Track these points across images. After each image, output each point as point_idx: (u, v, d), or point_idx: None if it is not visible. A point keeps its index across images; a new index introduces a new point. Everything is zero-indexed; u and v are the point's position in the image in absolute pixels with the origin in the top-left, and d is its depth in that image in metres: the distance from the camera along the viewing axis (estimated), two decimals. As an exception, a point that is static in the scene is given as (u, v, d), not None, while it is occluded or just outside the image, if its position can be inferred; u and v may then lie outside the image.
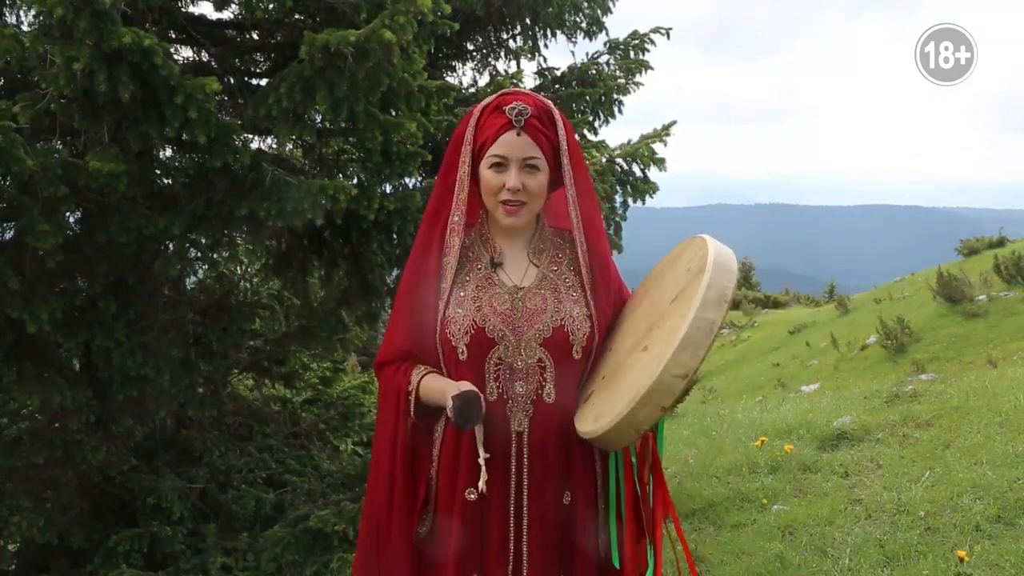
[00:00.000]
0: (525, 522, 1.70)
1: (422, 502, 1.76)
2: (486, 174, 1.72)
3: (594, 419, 1.63)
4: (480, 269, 1.78)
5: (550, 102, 1.77)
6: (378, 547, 1.81)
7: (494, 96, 1.76)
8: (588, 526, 1.75)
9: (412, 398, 1.72)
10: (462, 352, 1.71)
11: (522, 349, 1.71)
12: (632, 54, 4.81)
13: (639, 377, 1.53)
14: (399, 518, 1.77)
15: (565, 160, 1.76)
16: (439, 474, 1.76)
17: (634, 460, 1.76)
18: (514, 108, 1.70)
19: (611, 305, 1.80)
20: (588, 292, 1.76)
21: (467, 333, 1.70)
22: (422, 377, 1.73)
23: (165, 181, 3.43)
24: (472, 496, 1.69)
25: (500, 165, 1.70)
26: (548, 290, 1.75)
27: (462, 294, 1.74)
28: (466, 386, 1.62)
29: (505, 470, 1.69)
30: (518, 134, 1.70)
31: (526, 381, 1.70)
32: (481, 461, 1.62)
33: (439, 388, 1.68)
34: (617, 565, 1.73)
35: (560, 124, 1.75)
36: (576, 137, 1.85)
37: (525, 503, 1.70)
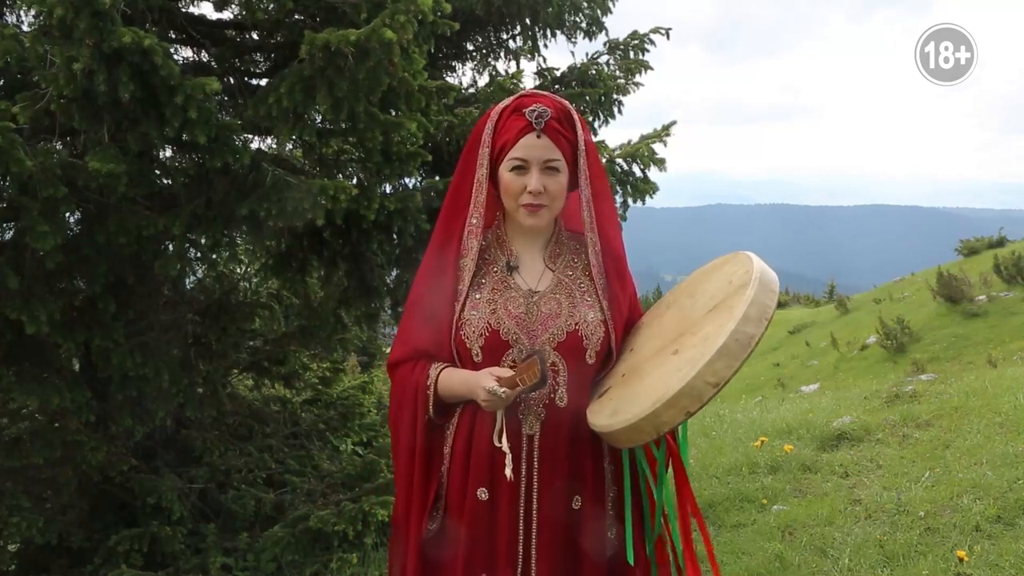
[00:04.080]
0: (534, 524, 1.71)
1: (433, 499, 1.77)
2: (506, 176, 1.72)
3: (611, 414, 1.63)
4: (496, 272, 1.78)
5: (567, 102, 1.77)
6: (397, 545, 1.84)
7: (512, 98, 1.76)
8: (597, 530, 1.75)
9: (431, 392, 1.73)
10: (476, 354, 1.72)
11: None
12: (632, 54, 4.80)
13: (667, 379, 1.53)
14: (414, 516, 1.79)
15: (582, 160, 1.76)
16: (450, 472, 1.77)
17: (642, 462, 1.76)
18: (534, 111, 1.71)
19: (626, 308, 1.80)
20: (602, 296, 1.77)
21: (481, 336, 1.71)
22: (440, 372, 1.74)
23: (165, 181, 3.43)
24: (484, 496, 1.71)
25: (521, 168, 1.71)
26: (563, 294, 1.76)
27: (477, 296, 1.75)
28: (497, 371, 1.65)
29: (515, 472, 1.69)
30: (538, 136, 1.70)
31: None
32: (505, 448, 1.64)
33: (462, 379, 1.70)
34: (631, 562, 1.74)
35: (579, 125, 1.76)
36: (592, 137, 1.86)
37: (535, 506, 1.71)
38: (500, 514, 1.71)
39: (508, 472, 1.64)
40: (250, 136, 3.52)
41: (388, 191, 3.70)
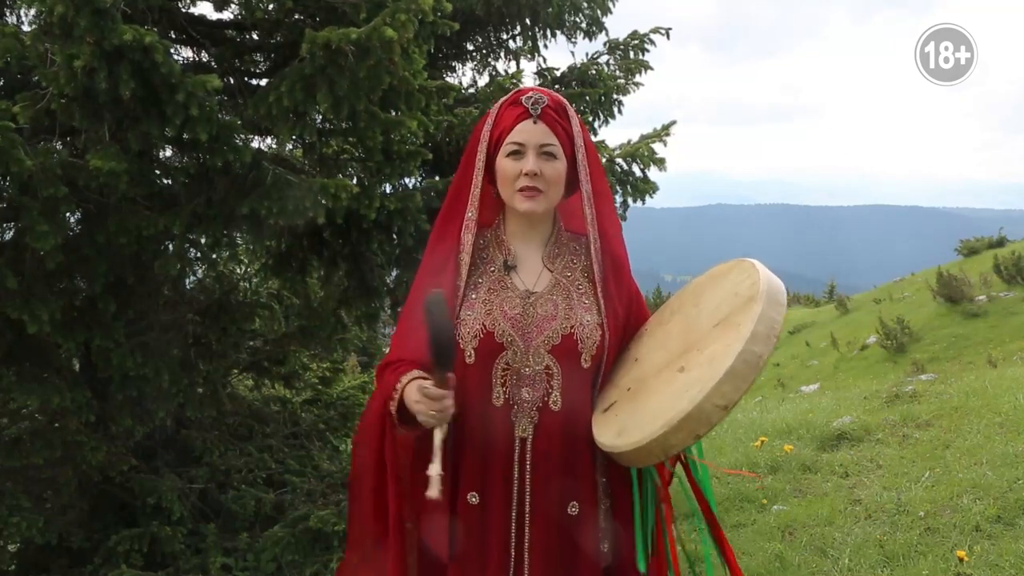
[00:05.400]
0: (527, 528, 1.68)
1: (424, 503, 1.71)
2: (503, 163, 1.70)
3: (617, 433, 1.59)
4: (493, 272, 1.75)
5: (564, 99, 1.76)
6: (368, 550, 1.78)
7: (510, 94, 1.76)
8: (591, 535, 1.73)
9: (397, 396, 1.65)
10: (469, 356, 1.68)
11: (530, 355, 1.68)
12: (632, 54, 4.81)
13: (675, 401, 1.49)
14: (393, 519, 1.73)
15: (580, 155, 1.75)
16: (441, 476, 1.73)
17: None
18: (530, 97, 1.70)
19: (624, 311, 1.77)
20: (601, 299, 1.74)
21: (476, 337, 1.67)
22: (411, 380, 1.66)
23: (165, 181, 3.43)
24: (474, 500, 1.68)
25: (517, 153, 1.69)
26: (560, 296, 1.72)
27: (473, 296, 1.72)
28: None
29: (508, 475, 1.67)
30: (535, 122, 1.69)
31: (533, 388, 1.68)
32: (433, 473, 1.52)
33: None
34: (642, 570, 1.72)
35: (575, 120, 1.75)
36: (590, 136, 1.85)
37: (527, 509, 1.68)
38: (491, 518, 1.67)
39: (433, 492, 1.52)
40: (250, 136, 3.53)
41: (388, 191, 3.70)
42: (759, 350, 1.45)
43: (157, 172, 3.39)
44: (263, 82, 3.72)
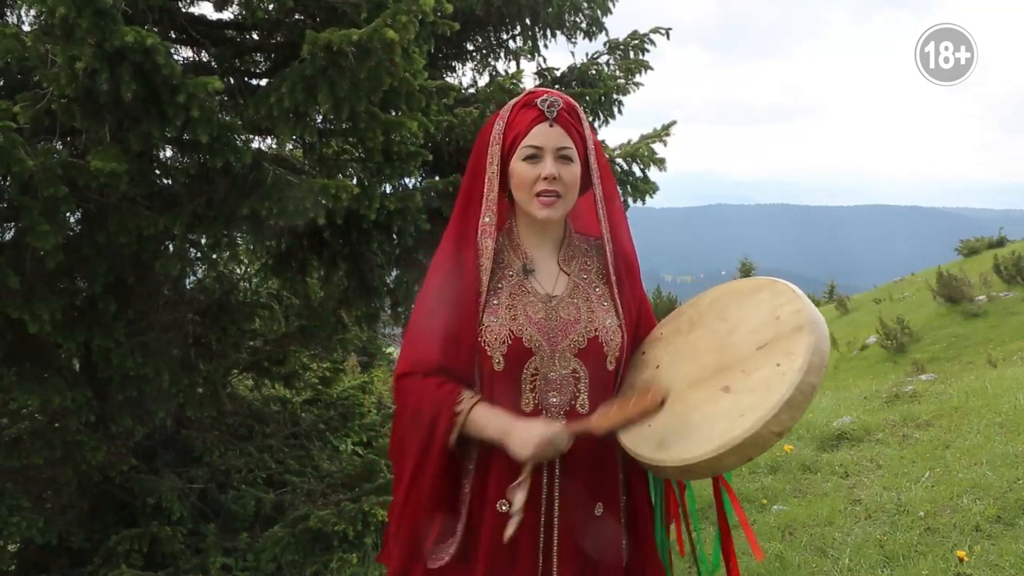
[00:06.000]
0: (556, 533, 1.68)
1: (460, 512, 1.72)
2: (519, 167, 1.68)
3: (657, 446, 1.58)
4: (511, 276, 1.73)
5: (574, 101, 1.76)
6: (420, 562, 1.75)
7: (522, 95, 1.74)
8: (615, 533, 1.74)
9: (461, 419, 1.64)
10: (498, 362, 1.65)
11: (557, 360, 1.67)
12: (632, 54, 4.81)
13: (728, 423, 1.50)
14: (408, 535, 1.72)
15: (592, 158, 1.74)
16: (472, 485, 1.72)
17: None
18: (546, 100, 1.68)
19: (635, 311, 1.78)
20: (618, 301, 1.74)
21: (504, 343, 1.65)
22: (474, 404, 1.65)
23: (165, 181, 3.43)
24: (505, 508, 1.66)
25: (534, 157, 1.67)
26: (580, 299, 1.72)
27: (495, 302, 1.69)
28: (540, 428, 1.60)
29: (537, 481, 1.66)
30: (551, 125, 1.67)
31: (560, 392, 1.67)
32: (516, 514, 1.60)
33: (498, 424, 1.62)
34: (667, 566, 1.74)
35: (584, 121, 1.74)
36: (597, 137, 1.84)
37: (556, 513, 1.68)
38: (522, 524, 1.64)
39: (511, 528, 1.60)
40: (251, 136, 3.53)
41: (388, 191, 3.70)
42: (813, 380, 1.49)
43: (157, 172, 3.39)
44: (263, 82, 3.72)
